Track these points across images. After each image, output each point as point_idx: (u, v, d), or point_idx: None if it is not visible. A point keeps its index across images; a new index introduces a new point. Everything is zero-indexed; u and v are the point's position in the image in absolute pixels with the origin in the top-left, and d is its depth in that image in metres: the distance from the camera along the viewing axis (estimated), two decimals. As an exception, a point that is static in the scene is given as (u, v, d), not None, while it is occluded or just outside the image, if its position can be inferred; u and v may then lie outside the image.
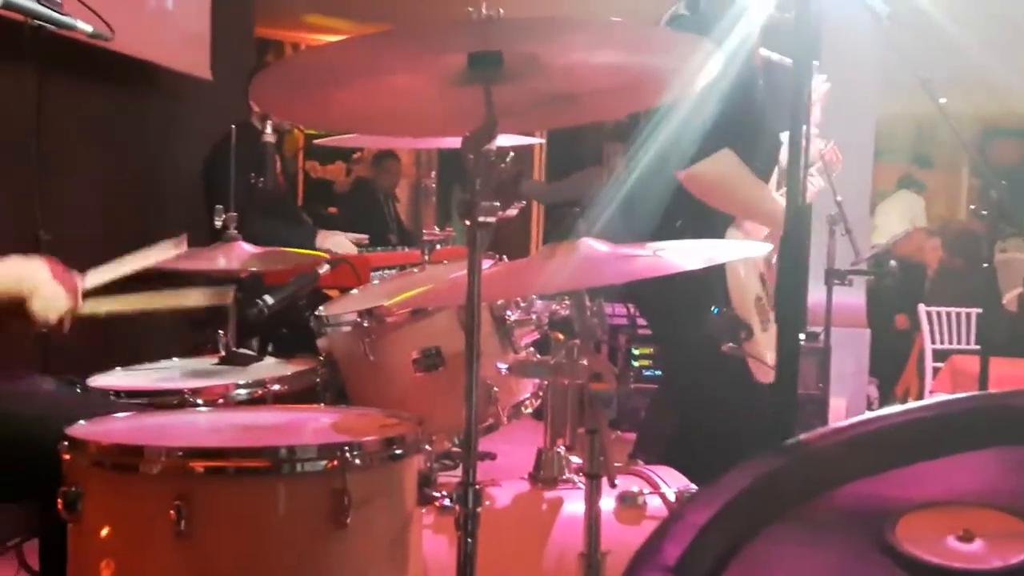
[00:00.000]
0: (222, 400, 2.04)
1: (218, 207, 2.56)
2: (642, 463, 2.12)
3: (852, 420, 0.85)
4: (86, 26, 2.07)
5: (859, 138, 5.62)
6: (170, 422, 1.72)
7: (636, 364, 5.40)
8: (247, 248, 2.52)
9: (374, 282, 3.25)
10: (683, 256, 1.65)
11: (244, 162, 3.10)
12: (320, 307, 2.33)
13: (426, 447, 1.58)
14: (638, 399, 4.66)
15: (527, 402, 2.16)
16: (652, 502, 1.91)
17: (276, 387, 2.11)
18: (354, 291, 2.60)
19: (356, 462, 1.41)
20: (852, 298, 5.57)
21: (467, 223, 1.45)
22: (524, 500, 1.96)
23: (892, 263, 4.71)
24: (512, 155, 1.50)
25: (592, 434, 1.55)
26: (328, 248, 4.41)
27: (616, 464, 1.58)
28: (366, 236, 4.91)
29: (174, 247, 2.05)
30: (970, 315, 5.88)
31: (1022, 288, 6.10)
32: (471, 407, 1.43)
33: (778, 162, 2.73)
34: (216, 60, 4.65)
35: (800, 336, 1.77)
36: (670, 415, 2.77)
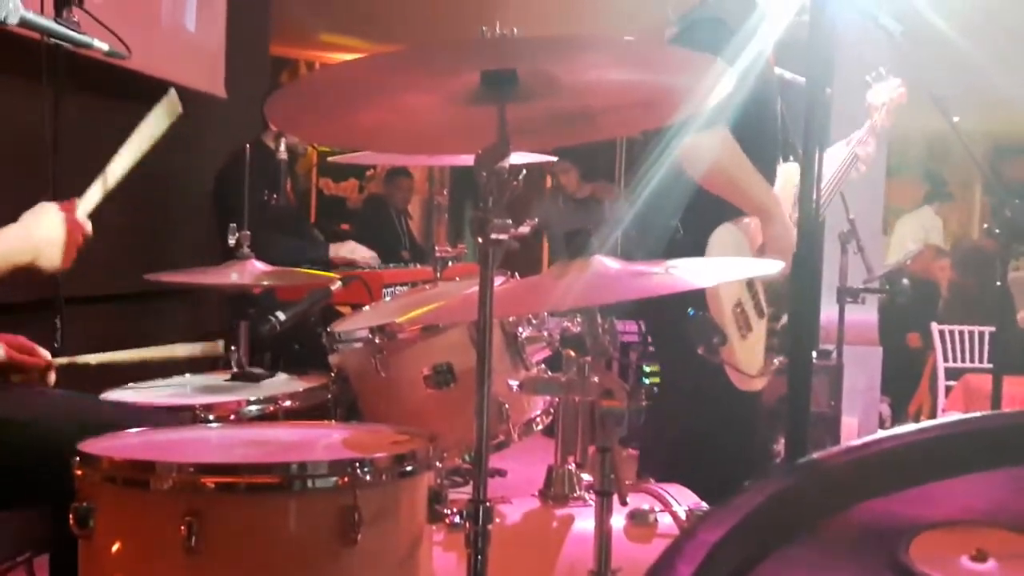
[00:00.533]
0: (234, 416, 2.05)
1: (231, 225, 2.58)
2: (653, 481, 2.11)
3: (865, 439, 0.84)
4: (102, 45, 2.08)
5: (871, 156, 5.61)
6: (182, 438, 1.73)
7: (647, 381, 5.39)
8: (260, 266, 2.53)
9: (386, 299, 3.27)
10: (695, 274, 1.65)
11: (257, 180, 3.12)
12: (332, 323, 2.34)
13: (437, 464, 1.58)
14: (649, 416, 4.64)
15: (538, 419, 2.16)
16: (663, 520, 1.90)
17: (288, 403, 2.12)
18: (366, 308, 2.60)
19: (367, 479, 1.41)
20: (864, 316, 5.55)
21: (479, 240, 1.45)
22: (535, 517, 1.96)
23: (904, 281, 4.69)
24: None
25: (603, 452, 1.54)
26: (343, 255, 4.43)
27: (627, 482, 1.57)
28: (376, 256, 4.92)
29: (168, 108, 2.11)
30: (983, 333, 5.85)
31: (1035, 306, 6.07)
32: (482, 424, 1.43)
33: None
34: (231, 78, 4.68)
35: (812, 354, 1.77)
36: (668, 427, 2.76)
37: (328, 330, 2.25)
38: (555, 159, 2.88)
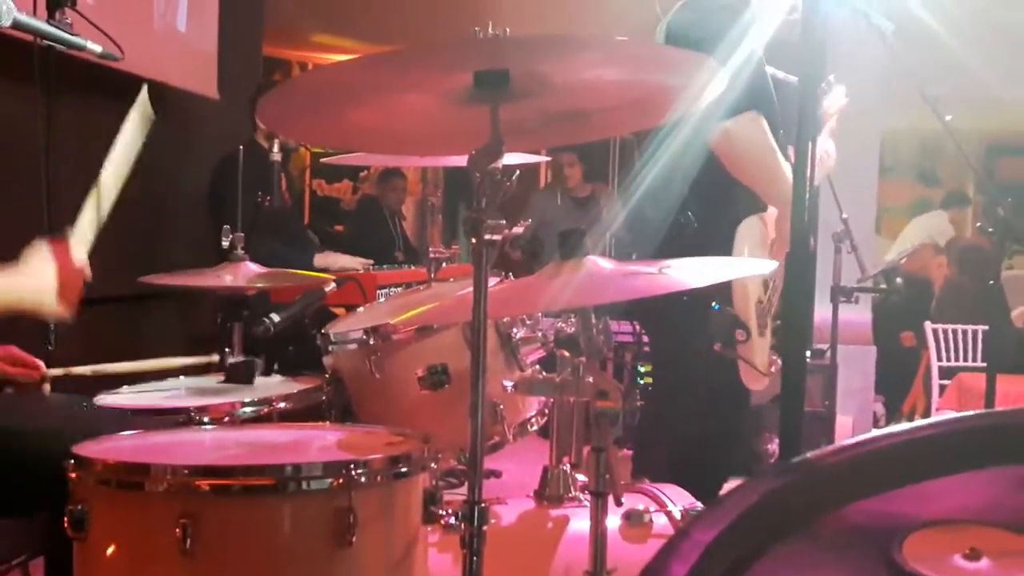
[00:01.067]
0: (228, 418, 2.04)
1: (225, 227, 2.57)
2: (648, 481, 2.11)
3: (859, 438, 0.85)
4: (95, 46, 2.08)
5: (864, 155, 5.62)
6: (176, 440, 1.73)
7: (642, 381, 5.39)
8: (253, 267, 2.53)
9: (380, 300, 3.27)
10: (689, 274, 1.65)
11: (251, 181, 3.11)
12: (326, 325, 2.34)
13: (432, 465, 1.58)
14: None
15: (533, 420, 2.16)
16: (658, 520, 1.90)
17: (282, 405, 2.11)
18: (360, 309, 2.60)
19: (362, 480, 1.41)
20: (858, 315, 5.56)
21: (473, 241, 1.45)
22: (530, 518, 1.96)
23: (898, 280, 4.70)
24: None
25: (598, 452, 1.55)
26: (325, 267, 4.42)
27: (622, 482, 1.57)
28: (371, 261, 4.92)
29: (140, 115, 2.05)
30: (977, 332, 5.87)
31: (1029, 305, 6.09)
32: (477, 425, 1.43)
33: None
34: (224, 79, 4.67)
35: (806, 353, 1.77)
36: (664, 427, 2.75)
37: (322, 332, 2.25)
38: (557, 155, 2.86)
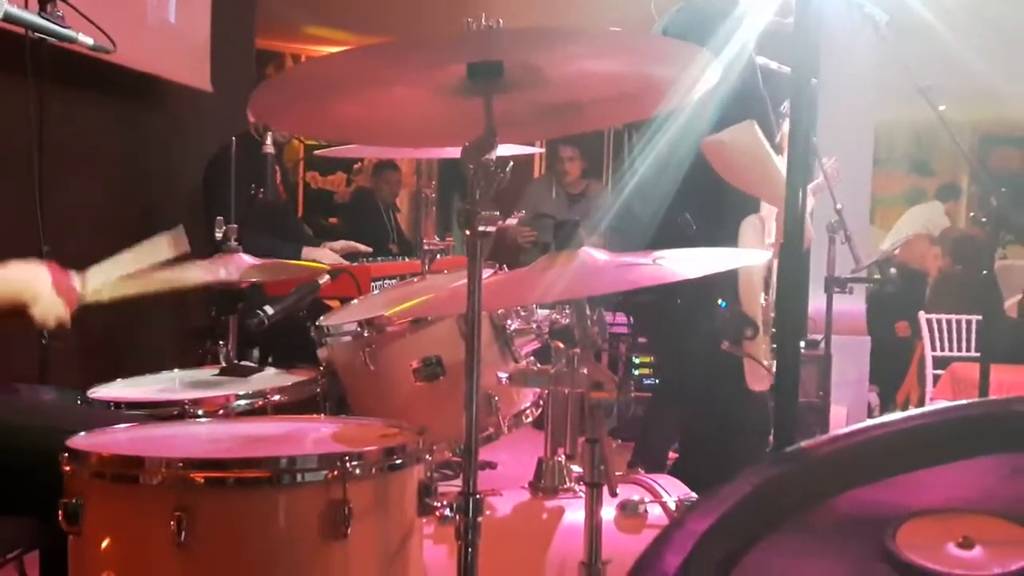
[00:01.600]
0: (222, 411, 2.04)
1: (219, 219, 2.56)
2: (643, 472, 2.11)
3: (852, 427, 0.85)
4: (87, 39, 2.07)
5: (858, 146, 5.63)
6: (170, 433, 1.72)
7: (636, 373, 5.40)
8: (247, 259, 2.52)
9: (374, 292, 3.26)
10: (682, 265, 1.65)
11: (244, 173, 3.10)
12: (320, 317, 2.33)
13: (427, 457, 1.58)
14: (638, 408, 4.66)
15: (527, 411, 2.16)
16: (653, 511, 1.91)
17: (276, 397, 2.11)
18: (354, 301, 2.60)
19: (356, 472, 1.41)
20: (852, 306, 5.57)
21: (467, 232, 1.45)
22: (525, 509, 1.96)
23: (892, 270, 4.70)
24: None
25: (593, 443, 1.55)
26: (314, 260, 4.41)
27: (617, 473, 1.58)
28: (370, 248, 4.91)
29: (172, 243, 2.01)
30: (970, 322, 5.88)
31: (1022, 295, 6.10)
32: (471, 416, 1.43)
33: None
34: (216, 72, 4.66)
35: (800, 344, 1.77)
36: (669, 424, 2.75)
37: (316, 324, 2.25)
38: (558, 148, 2.87)
